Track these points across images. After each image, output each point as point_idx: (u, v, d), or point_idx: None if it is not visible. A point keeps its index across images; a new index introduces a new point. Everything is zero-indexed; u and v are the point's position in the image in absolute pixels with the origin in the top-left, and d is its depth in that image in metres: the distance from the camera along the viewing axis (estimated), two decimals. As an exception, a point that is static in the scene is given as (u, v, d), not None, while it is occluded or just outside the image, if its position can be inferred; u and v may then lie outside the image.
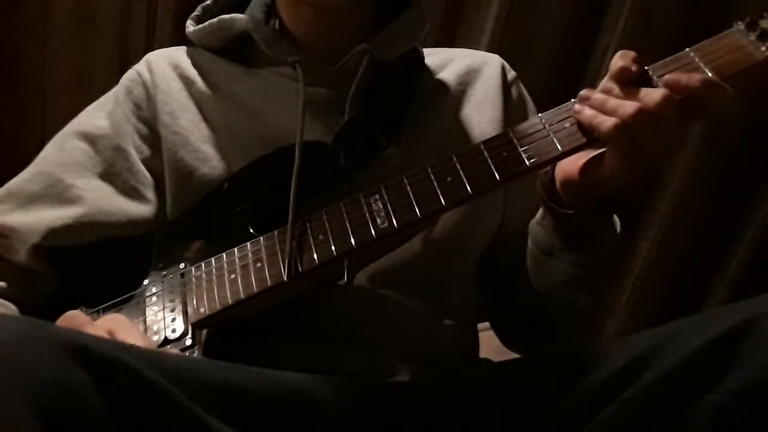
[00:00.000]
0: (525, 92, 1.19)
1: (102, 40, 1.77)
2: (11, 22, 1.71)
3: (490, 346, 1.22)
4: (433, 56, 1.20)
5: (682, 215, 1.98)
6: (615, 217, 1.02)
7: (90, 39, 1.76)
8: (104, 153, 1.10)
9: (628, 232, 1.99)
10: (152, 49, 1.76)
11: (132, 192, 1.09)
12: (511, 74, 1.20)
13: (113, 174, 1.09)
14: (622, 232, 1.05)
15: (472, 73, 1.18)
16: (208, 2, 1.18)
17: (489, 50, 1.80)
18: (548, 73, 1.82)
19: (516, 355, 1.23)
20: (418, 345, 1.04)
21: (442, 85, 1.16)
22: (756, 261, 2.03)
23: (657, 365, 0.79)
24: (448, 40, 1.83)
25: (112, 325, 0.89)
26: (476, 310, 1.17)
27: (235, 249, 0.99)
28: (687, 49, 0.90)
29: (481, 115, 1.14)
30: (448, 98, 1.15)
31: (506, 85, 1.17)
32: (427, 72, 1.17)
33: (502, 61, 1.21)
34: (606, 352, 0.86)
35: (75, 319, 0.93)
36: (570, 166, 0.93)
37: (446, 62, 1.20)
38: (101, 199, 1.07)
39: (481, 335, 1.20)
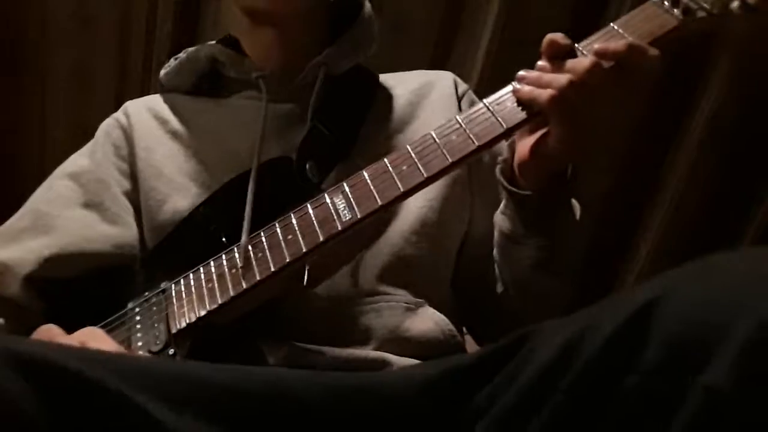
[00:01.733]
0: (477, 101, 1.23)
1: (102, 40, 1.78)
2: (11, 23, 1.72)
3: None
4: (387, 77, 1.27)
5: (682, 215, 1.97)
6: (575, 202, 1.07)
7: (90, 39, 1.77)
8: (87, 186, 1.17)
9: (628, 231, 2.01)
10: (152, 50, 1.79)
11: (115, 218, 1.15)
12: (463, 87, 1.26)
13: (96, 203, 1.15)
14: (623, 232, 1.07)
15: (426, 87, 1.24)
16: (179, 54, 1.25)
17: (489, 49, 1.81)
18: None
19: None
20: (406, 342, 1.05)
21: (397, 97, 1.23)
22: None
23: (582, 351, 0.77)
24: (448, 40, 1.83)
25: (84, 337, 0.92)
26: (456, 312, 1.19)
27: (211, 260, 1.03)
28: (610, 24, 0.98)
29: (438, 122, 1.17)
30: (405, 107, 1.22)
31: (458, 97, 1.24)
32: (381, 87, 1.24)
33: (454, 76, 1.28)
34: (547, 335, 0.84)
35: (49, 331, 0.96)
36: (524, 147, 0.99)
37: (400, 80, 1.27)
38: (85, 227, 1.13)
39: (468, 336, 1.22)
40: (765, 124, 1.86)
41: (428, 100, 1.22)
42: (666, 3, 0.97)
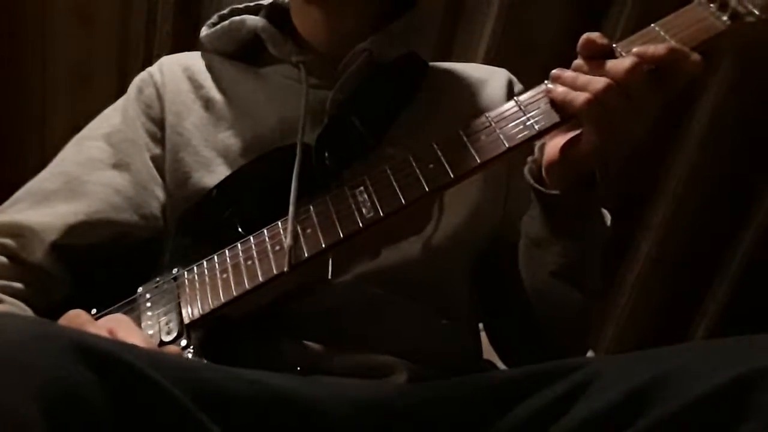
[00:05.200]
0: None
1: (102, 40, 1.77)
2: (11, 22, 1.72)
3: (488, 345, 1.21)
4: (440, 67, 1.21)
5: (682, 215, 1.97)
6: (605, 212, 1.03)
7: (90, 39, 1.77)
8: (118, 145, 1.12)
9: (628, 232, 2.01)
10: (152, 49, 1.79)
11: (144, 184, 1.11)
12: (518, 87, 1.20)
13: (127, 164, 1.11)
14: (622, 232, 1.05)
15: (479, 84, 1.18)
16: (224, 12, 1.20)
17: (489, 50, 1.81)
18: (548, 74, 1.82)
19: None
20: (416, 344, 1.03)
21: (446, 92, 1.17)
22: (756, 261, 2.02)
23: (659, 406, 0.75)
24: (447, 40, 1.83)
25: (113, 325, 0.89)
26: (474, 311, 1.17)
27: (226, 249, 1.00)
28: (652, 25, 0.93)
29: None
30: (451, 105, 1.15)
31: (511, 96, 1.15)
32: (431, 79, 1.18)
33: (510, 74, 1.21)
34: (606, 374, 0.82)
35: (77, 317, 0.93)
36: (553, 148, 0.95)
37: (453, 72, 1.21)
38: (113, 193, 1.09)
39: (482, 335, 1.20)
40: (765, 125, 1.87)
41: (480, 99, 1.16)
42: (712, 6, 0.91)
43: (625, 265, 2.06)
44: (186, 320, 0.96)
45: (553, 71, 0.93)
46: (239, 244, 1.00)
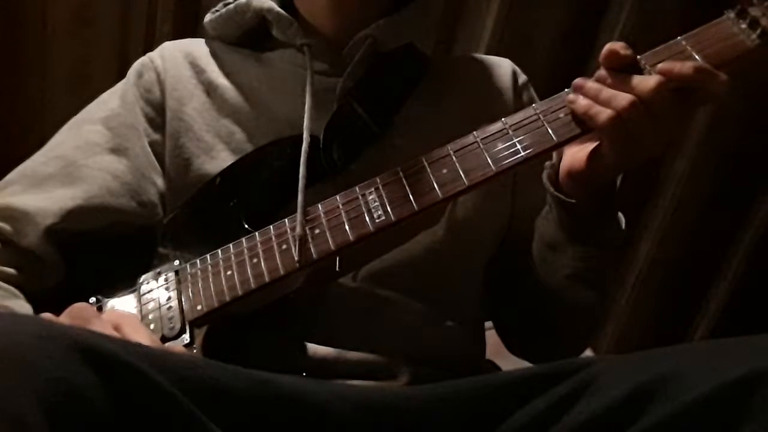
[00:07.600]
0: (535, 96, 1.19)
1: (102, 40, 1.77)
2: (11, 23, 1.71)
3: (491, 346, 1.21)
4: (442, 58, 1.21)
5: (682, 215, 1.98)
6: (620, 215, 1.03)
7: (90, 39, 1.76)
8: (117, 129, 1.10)
9: (628, 232, 2.01)
10: (152, 49, 1.78)
11: (142, 170, 1.09)
12: (522, 78, 1.20)
13: (125, 149, 1.09)
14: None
15: (483, 74, 1.18)
16: (228, 0, 1.19)
17: (489, 49, 1.80)
18: (548, 72, 1.82)
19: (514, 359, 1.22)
20: (419, 346, 1.03)
21: (449, 82, 1.17)
22: (756, 261, 2.02)
23: (661, 407, 0.75)
24: (448, 38, 1.83)
25: (119, 321, 0.88)
26: (481, 309, 1.16)
27: (230, 245, 0.99)
28: (679, 38, 0.91)
29: (488, 114, 1.12)
30: (455, 95, 1.15)
31: (517, 89, 1.18)
32: (434, 69, 1.17)
33: (514, 65, 1.21)
34: (607, 374, 0.82)
35: (82, 311, 0.90)
36: (571, 157, 0.95)
37: (456, 62, 1.21)
38: (111, 179, 1.07)
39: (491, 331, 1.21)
40: (765, 125, 1.87)
41: (484, 89, 1.17)
42: (742, 23, 0.89)
43: (625, 265, 2.06)
44: (189, 316, 0.96)
45: (576, 80, 0.92)
46: (244, 241, 0.99)
